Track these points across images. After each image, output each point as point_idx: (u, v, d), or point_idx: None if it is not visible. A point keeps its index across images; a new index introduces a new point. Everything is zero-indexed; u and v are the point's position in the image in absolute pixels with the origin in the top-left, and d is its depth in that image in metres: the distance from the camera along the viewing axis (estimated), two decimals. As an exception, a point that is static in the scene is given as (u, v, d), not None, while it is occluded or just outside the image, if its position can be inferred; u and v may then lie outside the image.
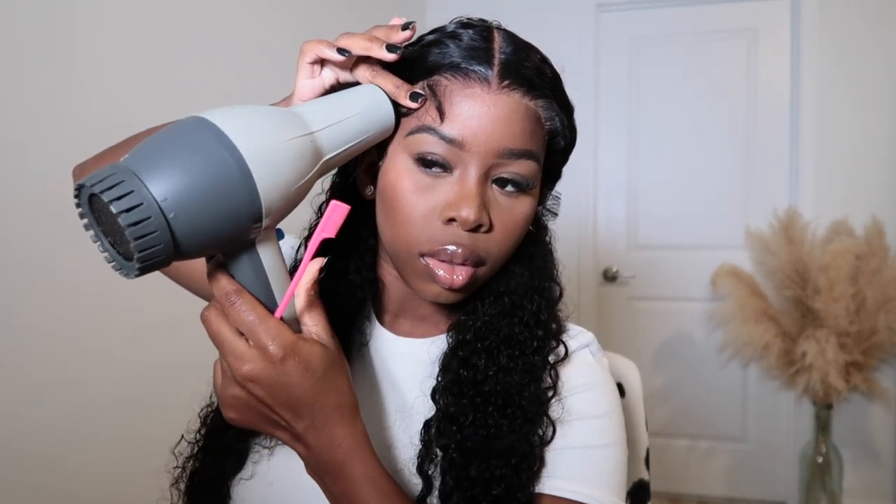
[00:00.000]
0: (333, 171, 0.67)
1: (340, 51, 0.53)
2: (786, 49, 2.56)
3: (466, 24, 0.58)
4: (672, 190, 2.68)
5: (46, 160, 1.25)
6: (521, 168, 0.56)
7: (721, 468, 2.68)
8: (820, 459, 2.25)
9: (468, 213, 0.53)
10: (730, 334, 2.31)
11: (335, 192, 0.66)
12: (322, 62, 0.55)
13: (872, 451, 2.48)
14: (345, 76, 0.56)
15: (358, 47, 0.53)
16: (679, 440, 2.70)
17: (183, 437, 0.68)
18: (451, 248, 0.55)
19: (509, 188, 0.57)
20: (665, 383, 2.71)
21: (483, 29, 0.57)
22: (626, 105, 2.71)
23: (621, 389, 0.93)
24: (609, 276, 2.72)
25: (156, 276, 0.72)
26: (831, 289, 2.10)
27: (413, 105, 0.55)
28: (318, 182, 0.69)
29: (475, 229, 0.55)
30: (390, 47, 0.53)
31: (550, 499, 0.58)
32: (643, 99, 2.70)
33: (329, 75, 0.56)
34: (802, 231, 2.26)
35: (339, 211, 0.46)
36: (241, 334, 0.46)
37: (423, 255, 0.56)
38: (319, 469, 0.50)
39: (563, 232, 3.09)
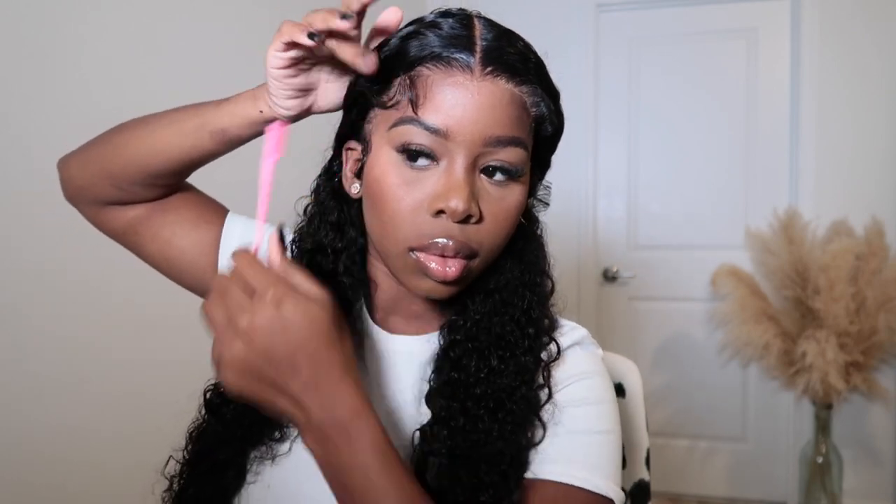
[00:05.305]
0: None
1: (310, 36, 0.51)
2: (786, 49, 2.56)
3: (446, 14, 0.56)
4: (672, 190, 2.68)
5: (48, 159, 1.25)
6: (509, 155, 0.55)
7: (721, 468, 2.68)
8: (820, 459, 2.25)
9: (457, 203, 0.52)
10: (730, 334, 2.30)
11: (319, 194, 0.65)
12: (294, 45, 0.53)
13: (872, 451, 2.48)
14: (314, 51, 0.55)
15: (319, 22, 0.51)
16: (679, 440, 2.70)
17: (171, 457, 0.66)
18: (442, 240, 0.54)
19: (498, 176, 0.55)
20: (665, 383, 2.71)
21: (463, 17, 0.56)
22: (626, 105, 2.71)
23: (621, 389, 0.93)
24: (609, 276, 2.72)
25: (157, 275, 0.72)
26: (831, 289, 2.10)
27: (364, 70, 0.53)
28: (304, 183, 0.68)
29: (465, 220, 0.54)
30: (343, 15, 0.50)
31: (550, 484, 0.57)
32: (643, 99, 2.70)
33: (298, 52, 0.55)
34: (802, 231, 2.26)
35: (275, 132, 0.48)
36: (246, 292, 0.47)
37: (412, 250, 0.55)
38: (321, 435, 0.47)
39: (563, 232, 3.08)
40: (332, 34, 0.52)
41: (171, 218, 0.70)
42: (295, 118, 0.60)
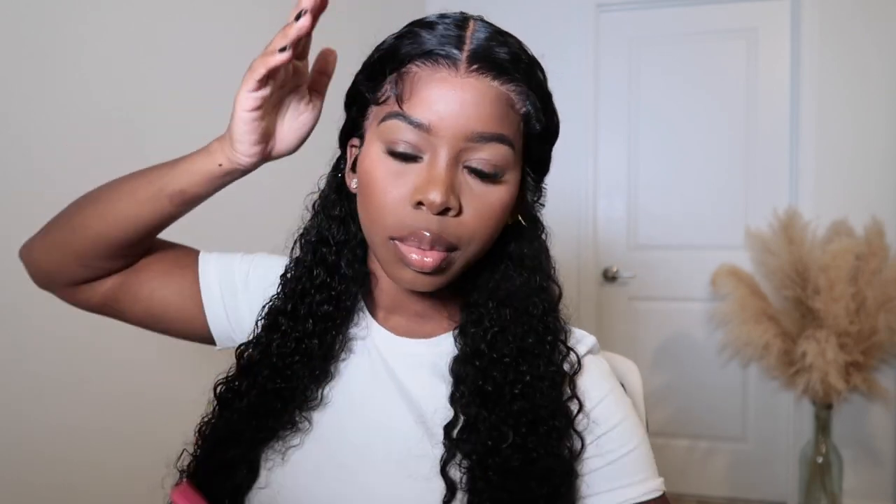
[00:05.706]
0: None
1: (281, 50, 0.52)
2: (786, 49, 2.56)
3: (444, 15, 0.58)
4: (672, 190, 2.68)
5: (49, 159, 1.25)
6: (493, 152, 0.55)
7: (721, 468, 2.68)
8: (820, 459, 2.25)
9: (435, 195, 0.53)
10: (730, 334, 2.30)
11: (324, 190, 0.68)
12: (269, 75, 0.53)
13: (872, 451, 2.48)
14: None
15: (280, 37, 0.52)
16: (679, 440, 2.70)
17: (185, 450, 0.66)
18: (420, 232, 0.55)
19: (481, 172, 0.56)
20: (665, 383, 2.71)
21: (459, 19, 0.57)
22: (626, 105, 2.71)
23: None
24: (609, 276, 2.72)
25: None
26: (831, 289, 2.10)
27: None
28: (310, 180, 0.69)
29: (444, 213, 0.55)
30: (297, 15, 0.51)
31: None
32: (643, 99, 2.69)
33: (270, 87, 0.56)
34: (802, 231, 2.26)
35: (183, 494, 0.43)
36: None
37: (393, 239, 0.57)
38: None
39: (563, 232, 3.07)
40: (297, 42, 0.53)
41: (144, 277, 0.70)
42: (255, 166, 0.61)
